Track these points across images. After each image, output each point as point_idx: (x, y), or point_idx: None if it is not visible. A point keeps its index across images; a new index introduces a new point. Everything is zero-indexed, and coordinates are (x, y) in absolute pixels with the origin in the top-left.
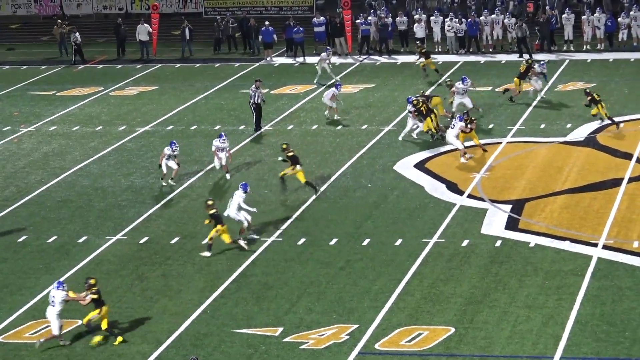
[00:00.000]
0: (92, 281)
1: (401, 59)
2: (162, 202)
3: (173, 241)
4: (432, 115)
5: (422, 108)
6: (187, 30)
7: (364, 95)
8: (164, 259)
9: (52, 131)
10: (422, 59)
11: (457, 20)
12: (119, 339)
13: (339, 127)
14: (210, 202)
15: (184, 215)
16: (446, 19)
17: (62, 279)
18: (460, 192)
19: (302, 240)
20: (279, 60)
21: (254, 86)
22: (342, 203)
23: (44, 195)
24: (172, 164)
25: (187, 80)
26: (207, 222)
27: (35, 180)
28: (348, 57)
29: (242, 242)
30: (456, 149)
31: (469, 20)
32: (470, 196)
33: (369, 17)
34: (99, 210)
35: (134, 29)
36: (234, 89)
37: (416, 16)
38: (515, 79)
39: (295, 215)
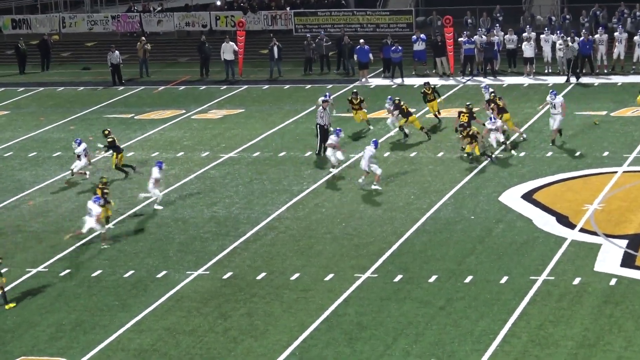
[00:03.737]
0: None
1: (508, 80)
2: (248, 235)
3: (259, 277)
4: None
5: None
6: (275, 49)
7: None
8: (249, 296)
9: (130, 157)
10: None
11: (569, 38)
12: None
13: (440, 154)
14: None
15: (271, 249)
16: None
17: (140, 315)
18: (571, 226)
19: (399, 277)
20: (375, 82)
21: (321, 107)
22: (443, 237)
23: (120, 226)
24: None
25: (275, 102)
26: None
27: (110, 210)
28: (450, 79)
29: None
30: (569, 179)
31: (582, 38)
32: (582, 230)
33: (475, 36)
34: (179, 243)
35: (218, 48)
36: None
37: (525, 34)
38: None
39: (391, 250)
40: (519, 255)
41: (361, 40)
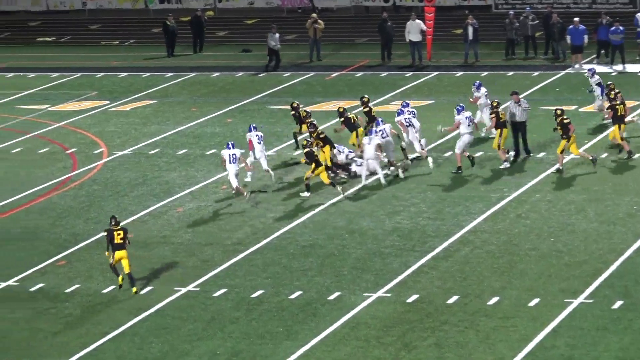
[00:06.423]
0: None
1: None
2: (437, 251)
3: (450, 301)
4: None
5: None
6: (470, 29)
7: None
8: (438, 323)
9: (297, 156)
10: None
11: None
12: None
13: None
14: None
15: (464, 267)
16: None
17: (308, 344)
18: None
19: (619, 303)
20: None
21: (512, 101)
22: None
23: (285, 238)
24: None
25: (471, 92)
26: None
27: (274, 218)
28: None
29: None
30: None
31: None
32: None
33: None
34: (356, 259)
35: (403, 27)
36: (532, 104)
37: None
38: None
39: (610, 271)
40: None
41: (575, 19)
